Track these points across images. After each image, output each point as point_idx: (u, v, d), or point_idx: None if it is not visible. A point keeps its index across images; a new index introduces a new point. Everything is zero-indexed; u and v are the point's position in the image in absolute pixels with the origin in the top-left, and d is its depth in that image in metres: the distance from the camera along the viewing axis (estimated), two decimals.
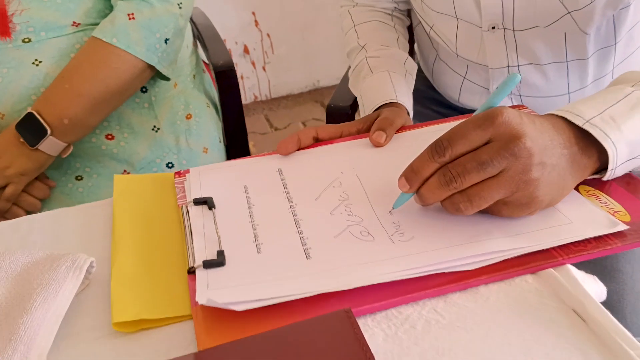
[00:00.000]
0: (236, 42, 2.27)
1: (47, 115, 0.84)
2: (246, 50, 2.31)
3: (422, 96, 0.97)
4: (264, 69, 2.38)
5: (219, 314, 0.45)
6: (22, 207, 0.90)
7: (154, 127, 1.01)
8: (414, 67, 0.84)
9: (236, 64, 1.78)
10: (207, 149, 1.09)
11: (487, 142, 0.48)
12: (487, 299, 0.45)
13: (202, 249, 0.52)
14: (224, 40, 1.29)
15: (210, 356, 0.40)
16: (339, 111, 0.98)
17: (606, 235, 0.48)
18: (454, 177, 0.48)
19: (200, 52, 1.30)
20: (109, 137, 0.97)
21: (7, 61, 0.86)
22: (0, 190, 0.87)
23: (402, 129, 0.67)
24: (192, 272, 0.49)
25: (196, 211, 0.57)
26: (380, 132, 0.64)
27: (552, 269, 0.47)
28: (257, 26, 2.26)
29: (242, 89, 2.35)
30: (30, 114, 0.84)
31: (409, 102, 0.77)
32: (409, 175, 0.51)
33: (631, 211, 0.51)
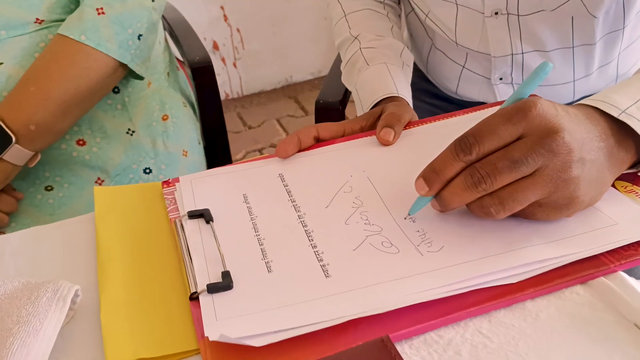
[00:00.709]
0: (205, 38, 2.18)
1: (11, 121, 0.76)
2: (215, 46, 2.23)
3: (415, 88, 0.91)
4: (234, 65, 2.30)
5: (232, 347, 0.39)
6: None
7: (129, 130, 0.94)
8: (411, 58, 0.78)
9: None
10: (186, 152, 1.02)
11: (519, 138, 0.43)
12: (536, 316, 0.40)
13: (203, 270, 0.45)
14: None
15: None
16: (329, 107, 0.93)
17: None
18: (483, 177, 0.43)
19: (172, 48, 1.23)
20: (80, 142, 0.89)
21: None
22: None
23: (409, 125, 0.62)
24: (194, 298, 0.43)
25: (192, 226, 0.50)
26: (388, 129, 0.58)
27: (603, 278, 0.42)
28: (226, 21, 2.18)
29: None
30: None
31: (409, 96, 0.72)
32: (429, 175, 0.45)
33: None
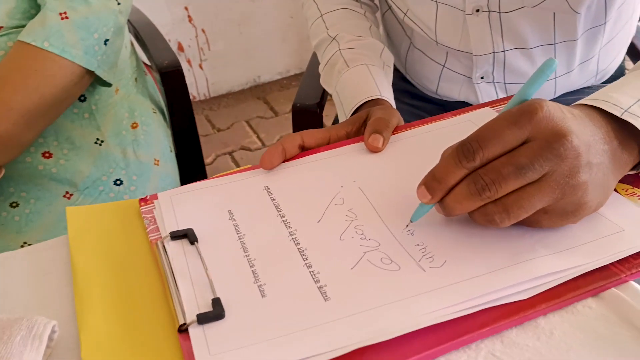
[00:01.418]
0: (169, 40, 2.12)
1: None
2: (180, 47, 2.18)
3: (394, 89, 0.89)
4: (200, 66, 2.25)
5: None
6: None
7: (97, 139, 0.90)
8: (391, 58, 0.76)
9: None
10: (158, 161, 0.98)
11: (525, 142, 0.41)
12: (550, 334, 0.38)
13: (191, 297, 0.42)
14: None
15: None
16: (306, 110, 0.90)
17: None
18: (488, 184, 0.40)
19: (138, 52, 1.18)
20: (47, 155, 0.84)
21: None
22: None
23: (397, 130, 0.59)
24: (184, 330, 0.40)
25: (175, 248, 0.47)
26: (376, 135, 0.56)
27: (614, 289, 0.40)
28: (190, 22, 2.13)
29: None
30: None
31: (392, 97, 0.69)
32: (431, 183, 0.43)
33: None
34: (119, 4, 0.82)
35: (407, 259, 0.43)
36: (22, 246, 0.82)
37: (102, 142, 0.90)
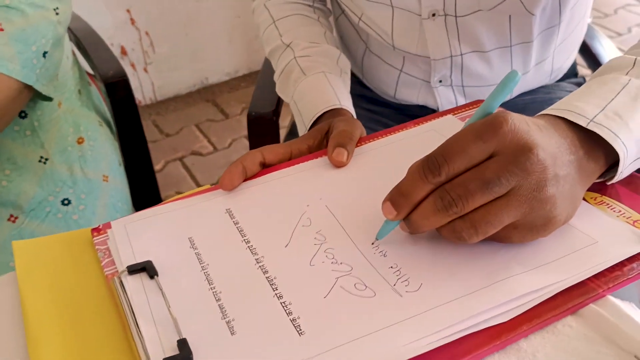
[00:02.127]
0: (112, 44, 2.05)
1: None
2: (124, 51, 2.10)
3: (351, 94, 0.88)
4: (145, 70, 2.18)
5: None
6: None
7: (42, 158, 0.85)
8: (348, 64, 0.74)
9: None
10: (107, 177, 0.93)
11: (491, 156, 0.40)
12: (534, 357, 0.37)
13: (155, 339, 0.39)
14: None
15: None
16: (262, 118, 0.87)
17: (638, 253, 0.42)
18: (454, 200, 0.39)
19: (81, 61, 1.13)
20: None
21: None
22: None
23: (360, 142, 0.58)
24: None
25: (134, 283, 0.44)
26: (340, 149, 0.54)
27: (592, 305, 0.39)
28: (133, 24, 2.06)
29: None
30: None
31: (351, 106, 0.68)
32: (397, 199, 0.42)
33: None
34: (57, 14, 0.78)
35: (382, 284, 0.41)
36: None
37: (46, 160, 0.85)
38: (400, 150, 0.56)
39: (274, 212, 0.50)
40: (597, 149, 0.45)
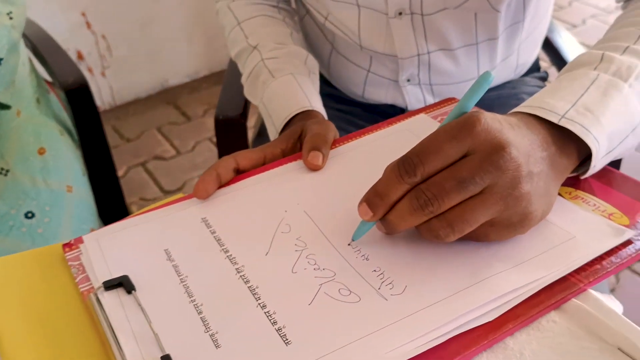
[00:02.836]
0: (68, 49, 1.98)
1: None
2: (80, 56, 2.05)
3: (320, 93, 0.88)
4: (103, 74, 2.13)
5: None
6: None
7: (2, 169, 0.82)
8: (316, 65, 0.74)
9: None
10: (70, 187, 0.91)
11: (465, 155, 0.40)
12: (521, 355, 0.37)
13: (137, 356, 0.38)
14: None
15: None
16: (230, 122, 0.86)
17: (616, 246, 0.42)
18: (430, 199, 0.40)
19: (38, 68, 1.09)
20: None
21: None
22: None
23: (334, 144, 0.57)
24: None
25: (111, 299, 0.42)
26: (315, 152, 0.54)
27: (575, 299, 0.40)
28: (89, 28, 2.01)
29: None
30: None
31: (322, 107, 0.67)
32: (373, 200, 0.42)
33: (623, 210, 0.46)
34: (11, 18, 0.75)
35: (366, 288, 0.41)
36: None
37: (7, 171, 0.82)
38: (375, 151, 0.56)
39: (251, 219, 0.49)
40: (569, 144, 0.45)
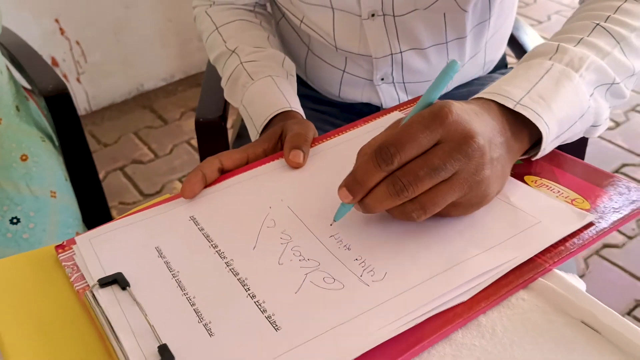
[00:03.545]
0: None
1: None
2: (54, 62, 2.04)
3: (297, 94, 0.90)
4: (78, 80, 2.13)
5: None
6: None
7: None
8: (293, 66, 0.76)
9: None
10: (54, 192, 0.92)
11: (437, 143, 0.44)
12: (493, 331, 0.40)
13: (135, 348, 0.40)
14: None
15: None
16: (210, 124, 0.88)
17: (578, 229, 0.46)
18: (405, 186, 0.43)
19: (16, 76, 1.10)
20: None
21: None
22: None
23: (314, 142, 0.60)
24: None
25: (107, 296, 0.44)
26: (296, 151, 0.56)
27: (541, 278, 0.43)
28: (63, 34, 2.00)
29: None
30: None
31: (300, 108, 0.70)
32: (352, 185, 0.45)
33: (584, 195, 0.50)
34: None
35: (349, 276, 0.44)
36: None
37: None
38: (353, 148, 0.58)
39: (237, 216, 0.51)
40: (522, 128, 0.49)
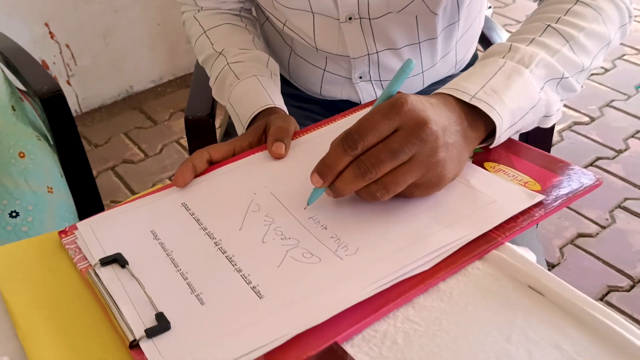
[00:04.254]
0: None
1: None
2: (45, 65, 2.08)
3: (282, 93, 0.95)
4: (68, 83, 2.17)
5: None
6: None
7: None
8: (276, 66, 0.82)
9: None
10: (51, 188, 0.97)
11: (395, 130, 0.49)
12: (450, 295, 0.46)
13: (135, 317, 0.45)
14: None
15: None
16: (199, 121, 0.93)
17: (529, 207, 0.52)
18: (369, 168, 0.49)
19: (10, 78, 1.14)
20: None
21: None
22: None
23: (295, 135, 0.65)
24: (135, 345, 0.43)
25: (107, 273, 0.49)
26: (279, 143, 0.62)
27: (495, 251, 0.49)
28: (53, 38, 2.05)
29: None
30: None
31: (283, 104, 0.75)
32: (323, 170, 0.51)
33: (535, 177, 0.55)
34: None
35: (325, 251, 0.49)
36: None
37: None
38: (329, 140, 0.63)
39: (225, 202, 0.57)
40: (478, 119, 0.55)
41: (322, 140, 0.64)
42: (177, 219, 0.55)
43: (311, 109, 0.94)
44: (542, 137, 0.92)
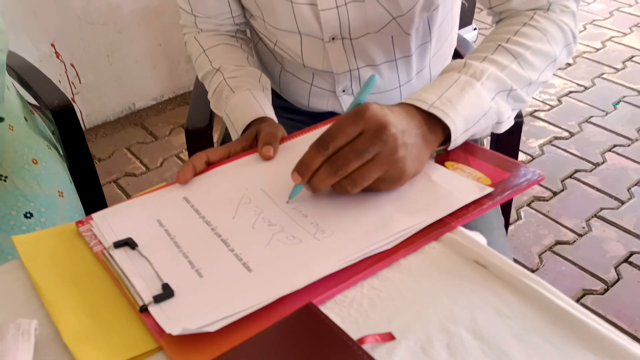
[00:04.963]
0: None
1: None
2: None
3: (273, 106, 1.05)
4: (73, 100, 2.26)
5: (187, 339, 0.48)
6: None
7: (1, 176, 0.96)
8: (268, 81, 0.91)
9: None
10: (62, 193, 1.05)
11: (361, 133, 0.58)
12: (409, 269, 0.54)
13: (144, 287, 0.54)
14: None
15: None
16: (198, 132, 1.02)
17: (479, 198, 0.60)
18: (340, 166, 0.58)
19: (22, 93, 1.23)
20: None
21: None
22: None
23: (282, 140, 0.74)
24: (144, 310, 0.51)
25: (120, 254, 0.58)
26: (268, 146, 0.71)
27: (449, 233, 0.57)
28: (58, 57, 2.15)
29: None
30: None
31: (273, 114, 0.84)
32: (301, 169, 0.60)
33: (488, 174, 0.64)
34: None
35: (305, 235, 0.58)
36: None
37: (5, 177, 0.96)
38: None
39: (221, 195, 0.65)
40: (436, 125, 0.64)
41: (305, 144, 0.73)
42: (179, 210, 0.64)
43: (300, 120, 1.03)
44: (511, 142, 1.03)
